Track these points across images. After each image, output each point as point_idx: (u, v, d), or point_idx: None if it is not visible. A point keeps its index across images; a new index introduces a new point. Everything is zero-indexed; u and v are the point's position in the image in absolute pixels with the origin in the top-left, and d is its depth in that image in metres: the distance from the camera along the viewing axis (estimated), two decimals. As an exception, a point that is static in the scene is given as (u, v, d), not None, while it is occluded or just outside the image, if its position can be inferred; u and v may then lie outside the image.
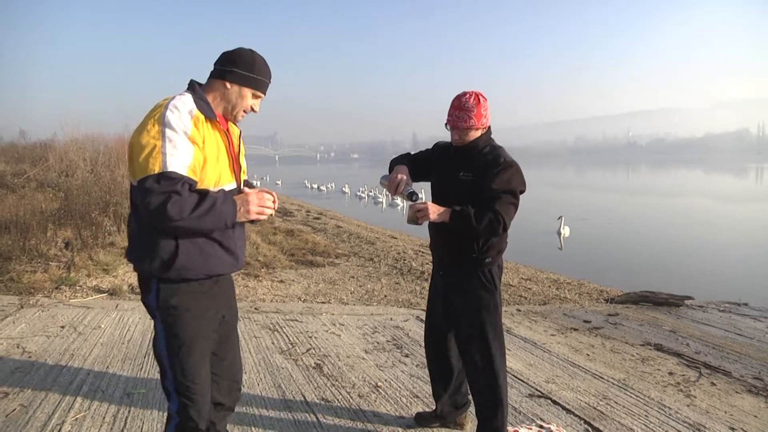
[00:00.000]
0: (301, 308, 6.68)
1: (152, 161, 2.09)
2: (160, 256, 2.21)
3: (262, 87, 2.45)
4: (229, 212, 2.23)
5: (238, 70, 2.36)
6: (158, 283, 2.26)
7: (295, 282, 8.68)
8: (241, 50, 2.41)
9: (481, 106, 2.98)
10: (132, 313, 5.87)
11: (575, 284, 10.32)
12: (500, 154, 2.96)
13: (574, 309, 7.66)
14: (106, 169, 12.38)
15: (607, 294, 9.33)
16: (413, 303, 7.73)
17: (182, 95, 2.28)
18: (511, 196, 2.88)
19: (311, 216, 20.34)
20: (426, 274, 9.87)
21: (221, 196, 2.23)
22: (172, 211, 2.06)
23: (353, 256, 11.89)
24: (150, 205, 2.06)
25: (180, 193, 2.10)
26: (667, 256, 15.67)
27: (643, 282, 10.79)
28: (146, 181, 2.08)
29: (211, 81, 2.41)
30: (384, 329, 5.82)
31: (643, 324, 6.63)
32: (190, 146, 2.17)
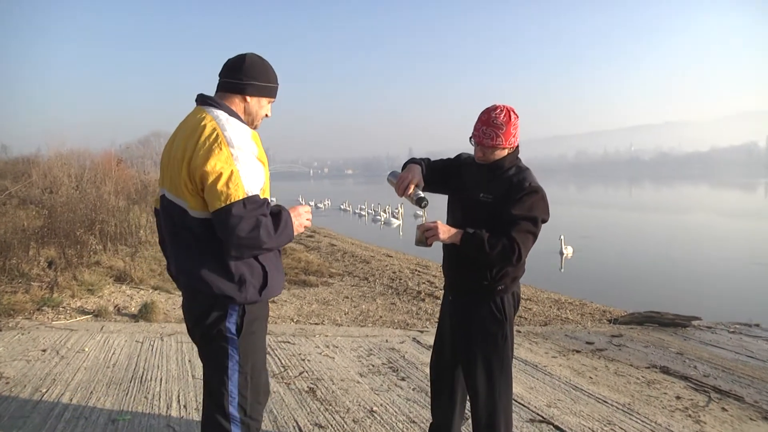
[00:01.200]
0: (294, 329, 6.64)
1: (233, 187, 2.11)
2: (251, 281, 2.26)
3: (275, 93, 2.51)
4: (293, 226, 2.31)
5: (257, 83, 2.38)
6: (243, 308, 2.29)
7: (288, 302, 8.64)
8: (252, 59, 2.40)
9: (512, 124, 2.84)
10: (118, 335, 5.82)
11: (577, 304, 10.32)
12: (526, 178, 2.84)
13: (577, 330, 7.63)
14: (92, 185, 12.36)
15: (611, 314, 9.31)
16: (410, 324, 7.69)
17: (217, 111, 2.28)
18: (531, 224, 2.76)
19: (304, 234, 20.31)
20: (422, 294, 9.85)
21: (285, 210, 2.30)
22: (263, 235, 2.13)
23: (347, 275, 11.86)
24: (241, 231, 2.09)
25: (266, 215, 2.17)
26: (672, 275, 15.67)
27: (648, 302, 10.77)
28: (233, 207, 2.10)
29: (227, 95, 2.39)
30: (379, 351, 5.78)
31: (649, 345, 6.59)
32: (260, 167, 2.23)
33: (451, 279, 3.11)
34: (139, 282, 8.56)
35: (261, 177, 2.22)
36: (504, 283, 2.87)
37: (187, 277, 2.30)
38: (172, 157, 2.30)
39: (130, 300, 7.64)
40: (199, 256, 2.25)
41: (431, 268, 13.35)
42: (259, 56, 2.44)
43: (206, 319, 2.29)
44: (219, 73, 2.43)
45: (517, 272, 2.91)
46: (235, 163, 2.14)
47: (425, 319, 8.21)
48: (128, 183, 16.04)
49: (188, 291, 2.37)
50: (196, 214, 2.22)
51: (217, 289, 2.22)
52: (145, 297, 7.76)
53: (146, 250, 10.90)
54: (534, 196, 2.78)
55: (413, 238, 2.89)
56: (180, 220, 2.26)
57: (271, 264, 2.33)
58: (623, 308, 10.14)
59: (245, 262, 2.24)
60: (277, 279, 2.38)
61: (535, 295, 11.08)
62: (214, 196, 2.12)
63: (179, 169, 2.21)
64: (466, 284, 2.97)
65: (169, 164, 2.31)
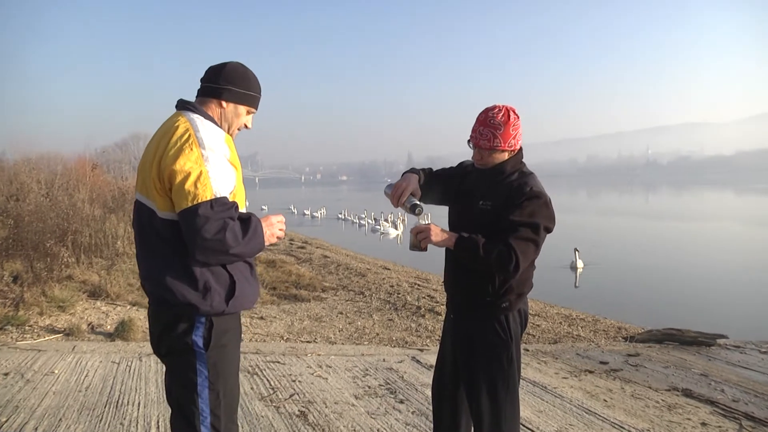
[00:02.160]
0: (284, 348, 6.63)
1: (201, 187, 2.18)
2: (217, 290, 2.29)
3: (256, 103, 2.57)
4: (263, 234, 2.35)
5: (234, 88, 2.46)
6: (210, 319, 2.32)
7: (277, 319, 8.63)
8: (234, 66, 2.50)
9: (511, 124, 2.84)
10: (92, 355, 5.80)
11: (589, 320, 10.32)
12: (527, 182, 2.83)
13: (589, 348, 7.63)
14: (64, 192, 12.30)
15: (626, 331, 9.31)
16: (408, 342, 7.69)
17: (193, 115, 2.37)
18: (531, 231, 2.73)
19: (295, 245, 20.31)
20: (422, 309, 9.84)
21: (254, 217, 2.34)
22: (230, 238, 2.17)
23: (341, 289, 11.86)
24: (206, 232, 2.14)
25: (234, 218, 2.21)
26: (694, 289, 15.61)
27: (667, 318, 10.74)
28: (199, 208, 2.15)
29: (204, 100, 2.48)
30: (376, 372, 5.77)
31: (669, 366, 6.57)
32: (231, 170, 2.30)
33: (452, 296, 3.10)
34: (116, 297, 8.54)
35: (231, 180, 2.29)
36: (508, 300, 2.85)
37: (152, 283, 2.35)
38: (145, 159, 2.37)
39: (106, 317, 7.61)
40: (164, 261, 2.29)
41: (432, 282, 13.35)
42: (241, 64, 2.53)
43: (172, 330, 2.32)
44: (200, 78, 2.52)
45: (522, 288, 2.90)
46: (205, 164, 2.21)
47: (425, 337, 8.20)
48: (104, 190, 15.99)
49: (153, 299, 2.41)
50: (163, 215, 2.27)
51: (181, 297, 2.26)
52: (122, 314, 7.73)
53: (124, 262, 10.87)
54: (535, 201, 2.77)
55: (409, 243, 2.90)
56: (148, 223, 2.32)
57: (240, 274, 2.37)
58: (640, 325, 10.13)
59: (210, 270, 2.28)
60: (248, 290, 2.40)
61: (543, 310, 11.08)
62: (181, 196, 2.18)
63: (150, 170, 2.29)
64: (467, 301, 2.96)
65: (142, 166, 2.38)
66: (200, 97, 2.49)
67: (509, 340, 2.86)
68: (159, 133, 2.39)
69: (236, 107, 2.49)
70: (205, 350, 2.31)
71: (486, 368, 2.87)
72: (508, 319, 2.87)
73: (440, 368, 3.15)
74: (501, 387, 2.85)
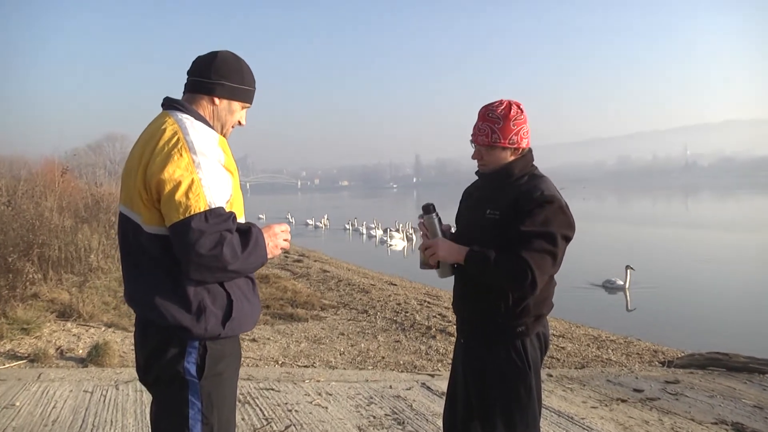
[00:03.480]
0: (279, 374, 6.62)
1: (194, 197, 2.16)
2: (213, 311, 2.27)
3: (251, 97, 2.57)
4: (264, 245, 2.34)
5: (227, 83, 2.45)
6: (204, 344, 2.29)
7: (271, 341, 8.63)
8: (225, 56, 2.48)
9: (512, 118, 2.83)
10: (60, 384, 5.80)
11: (621, 342, 10.28)
12: (537, 186, 2.80)
13: (621, 374, 7.60)
14: (30, 200, 12.33)
15: (663, 355, 9.27)
16: (418, 366, 7.67)
17: (181, 115, 2.36)
18: (547, 242, 2.69)
19: (291, 258, 20.31)
20: (433, 330, 9.83)
21: (255, 227, 2.34)
22: (228, 254, 2.16)
23: (343, 307, 11.85)
24: (201, 248, 2.12)
25: (232, 231, 2.20)
26: (741, 308, 15.40)
27: (711, 340, 10.67)
28: (192, 221, 2.14)
29: (193, 97, 2.46)
30: (382, 400, 5.76)
31: (715, 395, 6.50)
32: (227, 177, 2.29)
33: (461, 318, 3.09)
34: (89, 318, 8.54)
35: (227, 188, 2.27)
36: (524, 323, 2.82)
37: (139, 304, 2.34)
38: (129, 165, 2.36)
39: (77, 340, 7.62)
40: (152, 279, 2.28)
41: (443, 299, 13.34)
42: (233, 54, 2.51)
43: (161, 356, 2.30)
44: (187, 71, 2.50)
45: (541, 308, 2.86)
46: (197, 171, 2.19)
47: (436, 360, 8.19)
48: (76, 197, 16.01)
49: (140, 321, 2.39)
50: (150, 230, 2.25)
51: (172, 319, 2.23)
52: (97, 336, 7.74)
53: (98, 278, 10.90)
54: (548, 207, 2.75)
55: (419, 261, 2.91)
56: (134, 238, 2.30)
57: (239, 292, 2.35)
58: (679, 347, 10.09)
59: (206, 288, 2.26)
60: (247, 310, 2.38)
61: (568, 330, 11.05)
62: (171, 208, 2.16)
63: (134, 178, 2.27)
64: (478, 325, 2.93)
65: (126, 175, 2.37)
66: (189, 94, 2.47)
67: (527, 369, 2.82)
68: (144, 136, 2.37)
69: (230, 104, 2.48)
70: (198, 379, 2.28)
71: (501, 400, 2.84)
72: (525, 345, 2.83)
73: (451, 398, 3.13)
74: (519, 421, 2.83)
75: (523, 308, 2.80)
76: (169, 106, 2.43)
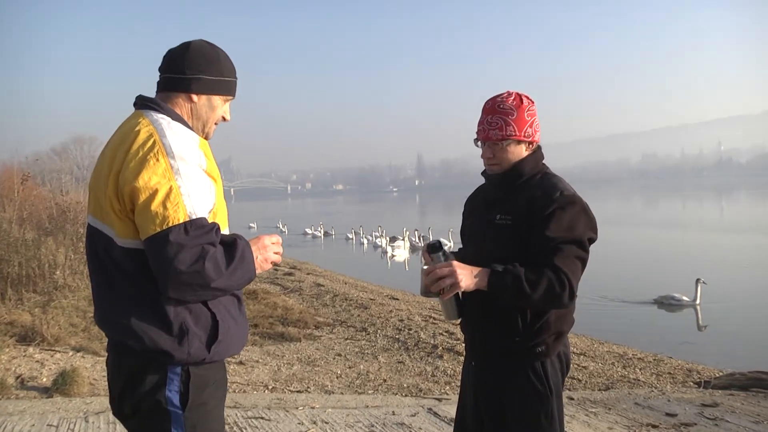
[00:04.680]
0: (269, 400, 6.61)
1: (172, 207, 2.13)
2: (196, 333, 2.25)
3: (233, 89, 2.55)
4: (253, 261, 2.31)
5: (205, 76, 2.43)
6: (186, 370, 2.27)
7: (260, 363, 8.62)
8: (199, 47, 2.46)
9: (525, 108, 2.81)
10: (20, 418, 5.74)
11: (650, 360, 10.26)
12: (555, 185, 2.78)
13: (651, 396, 7.58)
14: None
15: (699, 374, 9.25)
16: (423, 389, 7.66)
17: (157, 115, 2.33)
18: (577, 247, 2.68)
19: (281, 270, 20.31)
20: (440, 349, 9.82)
21: (242, 240, 2.32)
22: (210, 269, 2.13)
23: (339, 325, 11.85)
24: (180, 263, 2.10)
25: (215, 244, 2.18)
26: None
27: (753, 358, 10.55)
28: (170, 233, 2.11)
29: (168, 95, 2.44)
30: (384, 428, 5.76)
31: (761, 421, 6.46)
32: (209, 183, 2.27)
33: (471, 337, 3.04)
34: (54, 342, 8.53)
35: (210, 196, 2.26)
36: (544, 343, 2.78)
37: (111, 326, 2.32)
38: (98, 171, 2.33)
39: (41, 367, 7.59)
40: (127, 299, 2.25)
41: (451, 315, 13.31)
42: (208, 43, 2.50)
43: (139, 385, 2.26)
44: (159, 68, 2.48)
45: (561, 325, 2.83)
46: (175, 178, 2.16)
47: (444, 383, 8.18)
48: (39, 207, 16.02)
49: (114, 345, 2.35)
50: (124, 243, 2.23)
51: (150, 342, 2.20)
52: (63, 362, 7.72)
53: (65, 297, 10.88)
54: (570, 208, 2.73)
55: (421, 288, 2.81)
56: (105, 252, 2.27)
57: (225, 311, 2.33)
58: (716, 366, 10.07)
59: (188, 308, 2.24)
60: (234, 332, 2.37)
61: (590, 348, 11.04)
62: (147, 219, 2.14)
63: (105, 186, 2.24)
64: (491, 345, 2.89)
65: (95, 182, 2.35)
66: (163, 92, 2.45)
67: (548, 393, 2.78)
68: (115, 139, 2.35)
69: (210, 99, 2.46)
70: (182, 410, 2.25)
71: (520, 429, 2.80)
72: (545, 367, 2.79)
73: (461, 425, 3.11)
74: None
75: (541, 325, 2.76)
76: (143, 105, 2.41)
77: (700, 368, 9.87)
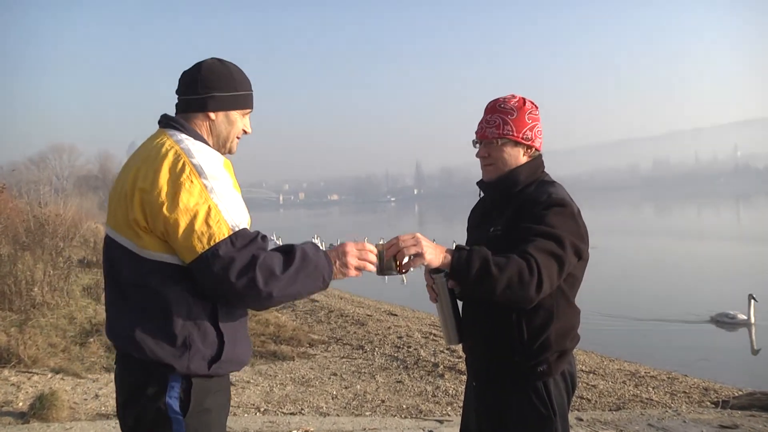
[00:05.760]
0: (261, 424, 6.60)
1: (215, 224, 2.27)
2: (200, 349, 2.35)
3: (250, 102, 2.69)
4: (325, 266, 2.40)
5: (218, 94, 2.56)
6: (188, 380, 2.36)
7: (251, 384, 8.61)
8: (210, 66, 2.60)
9: (527, 110, 2.85)
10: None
11: (664, 378, 10.25)
12: (545, 190, 2.79)
13: (666, 417, 7.57)
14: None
15: (716, 394, 9.24)
16: (423, 411, 7.66)
17: (181, 135, 2.48)
18: (556, 244, 2.62)
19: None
20: (441, 367, 9.82)
21: (304, 246, 2.41)
22: (261, 275, 2.23)
23: (335, 342, 11.85)
24: (233, 275, 2.22)
25: (265, 249, 2.30)
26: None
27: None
28: (219, 248, 2.24)
29: (188, 116, 2.58)
30: (382, 452, 5.74)
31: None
32: (240, 198, 2.42)
33: (472, 358, 3.05)
34: (32, 363, 8.49)
35: (245, 210, 2.40)
36: (546, 361, 2.78)
37: (118, 336, 2.43)
38: (119, 188, 2.44)
39: (17, 391, 7.57)
40: (139, 311, 2.36)
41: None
42: (218, 60, 2.64)
43: (140, 395, 2.36)
44: (176, 91, 2.63)
45: (564, 342, 2.83)
46: (211, 197, 2.30)
47: (445, 404, 8.17)
48: (15, 220, 16.01)
49: (121, 356, 2.46)
50: (146, 255, 2.34)
51: (150, 353, 2.31)
52: (41, 385, 7.70)
53: (43, 316, 10.86)
54: (556, 210, 2.72)
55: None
56: (121, 264, 2.40)
57: (233, 332, 2.44)
58: (735, 384, 10.05)
59: (197, 324, 2.35)
60: (239, 351, 2.48)
61: (600, 365, 11.02)
62: (192, 240, 2.26)
63: (129, 201, 2.35)
64: (490, 364, 2.89)
65: (116, 198, 2.45)
66: (182, 113, 2.58)
67: (551, 416, 2.78)
68: (139, 157, 2.46)
69: (227, 115, 2.61)
70: (182, 415, 2.34)
71: None
72: (548, 387, 2.79)
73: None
74: None
75: (542, 343, 2.75)
76: (166, 124, 2.56)
77: (717, 387, 9.85)
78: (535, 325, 2.74)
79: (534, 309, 2.71)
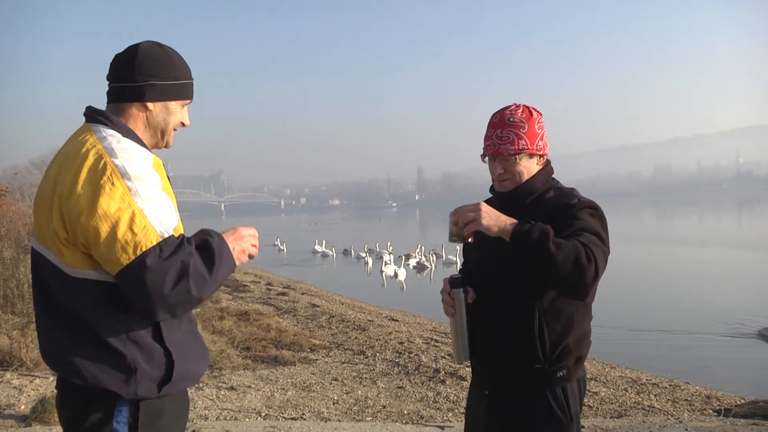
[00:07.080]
0: (262, 428, 6.59)
1: (140, 232, 2.09)
2: (147, 372, 2.20)
3: (190, 92, 2.51)
4: (229, 252, 2.29)
5: (158, 81, 2.37)
6: (135, 404, 2.22)
7: (253, 389, 8.60)
8: (148, 51, 2.40)
9: (535, 120, 2.82)
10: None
11: (666, 386, 10.23)
12: (572, 194, 2.81)
13: (668, 424, 7.55)
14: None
15: (718, 401, 9.21)
16: (425, 416, 7.64)
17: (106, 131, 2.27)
18: (601, 242, 2.58)
19: (274, 290, 20.32)
20: (442, 373, 9.79)
21: (215, 236, 2.29)
22: (194, 284, 2.11)
23: (336, 348, 11.84)
24: (165, 287, 2.07)
25: (192, 253, 2.15)
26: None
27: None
28: (146, 258, 2.06)
29: (120, 107, 2.39)
30: (383, 458, 5.73)
31: (787, 452, 6.45)
32: (168, 201, 2.23)
33: (484, 366, 2.96)
34: (34, 366, 8.48)
35: (173, 214, 2.23)
36: (566, 367, 2.76)
37: (55, 362, 2.27)
38: (40, 194, 2.29)
39: (19, 393, 7.56)
40: (72, 332, 2.21)
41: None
42: (157, 44, 2.45)
43: (83, 421, 2.22)
44: (106, 76, 2.43)
45: (581, 348, 2.82)
46: (136, 201, 2.12)
47: (447, 409, 8.16)
48: (17, 223, 16.01)
49: (61, 380, 2.31)
50: (72, 273, 2.18)
51: (93, 380, 2.16)
52: (43, 388, 7.69)
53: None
54: (590, 212, 2.71)
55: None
56: (51, 281, 2.23)
57: (179, 346, 2.29)
58: (738, 392, 10.02)
59: (139, 345, 2.20)
60: (188, 368, 2.32)
61: (602, 372, 11.00)
62: (115, 250, 2.08)
63: (48, 210, 2.20)
64: (509, 372, 2.82)
65: (39, 204, 2.30)
66: (114, 103, 2.40)
67: (570, 422, 2.76)
68: (59, 158, 2.30)
69: (166, 105, 2.42)
70: None
71: None
72: (566, 393, 2.77)
73: None
74: None
75: (563, 349, 2.73)
76: (92, 118, 2.36)
77: (719, 395, 9.81)
78: (557, 331, 2.73)
79: (556, 314, 2.72)
